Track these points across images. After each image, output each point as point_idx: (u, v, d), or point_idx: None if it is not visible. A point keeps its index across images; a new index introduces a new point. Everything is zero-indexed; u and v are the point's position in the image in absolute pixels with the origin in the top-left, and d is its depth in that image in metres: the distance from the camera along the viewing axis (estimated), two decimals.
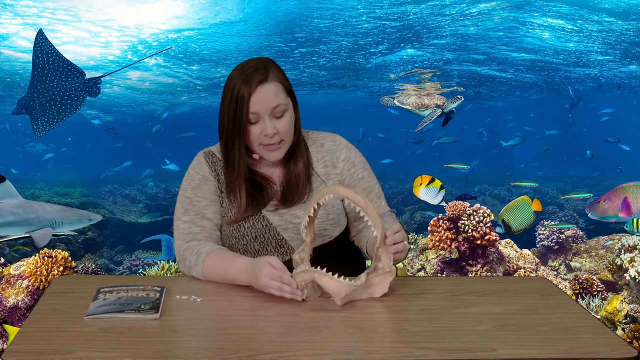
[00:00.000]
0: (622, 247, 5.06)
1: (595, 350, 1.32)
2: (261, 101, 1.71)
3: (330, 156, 1.90)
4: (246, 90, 1.71)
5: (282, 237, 1.82)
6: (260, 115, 1.73)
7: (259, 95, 1.71)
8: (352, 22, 7.99)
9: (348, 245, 1.93)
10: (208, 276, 1.71)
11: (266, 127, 1.73)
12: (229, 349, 1.29)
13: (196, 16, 7.87)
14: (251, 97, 1.71)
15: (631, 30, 8.37)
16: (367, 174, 1.91)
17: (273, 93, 1.73)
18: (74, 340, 1.33)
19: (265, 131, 1.73)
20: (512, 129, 18.09)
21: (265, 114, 1.73)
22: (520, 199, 4.60)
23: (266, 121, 1.73)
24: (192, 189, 1.86)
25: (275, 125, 1.74)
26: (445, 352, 1.30)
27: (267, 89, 1.72)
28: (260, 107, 1.72)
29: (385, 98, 7.42)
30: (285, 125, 1.75)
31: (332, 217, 1.84)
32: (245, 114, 1.72)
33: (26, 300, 4.46)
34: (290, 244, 1.82)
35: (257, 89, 1.71)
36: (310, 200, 1.84)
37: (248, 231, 1.82)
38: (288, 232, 1.82)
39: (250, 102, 1.71)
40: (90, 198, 11.98)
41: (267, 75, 1.73)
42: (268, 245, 1.82)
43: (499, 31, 8.43)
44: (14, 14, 7.65)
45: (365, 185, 1.89)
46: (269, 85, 1.72)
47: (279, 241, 1.82)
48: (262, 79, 1.72)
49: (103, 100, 13.55)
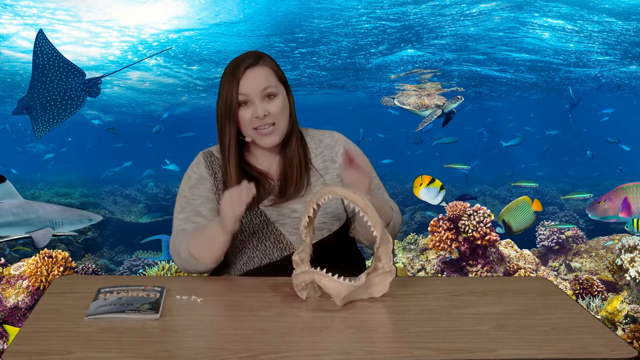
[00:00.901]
0: (622, 247, 5.06)
1: (595, 350, 1.32)
2: (250, 82, 1.75)
3: (328, 151, 1.91)
4: (236, 73, 1.76)
5: (279, 231, 1.82)
6: (250, 97, 1.76)
7: (248, 77, 1.76)
8: (352, 22, 7.99)
9: (348, 244, 1.92)
10: (191, 247, 1.73)
11: (256, 109, 1.76)
12: (229, 349, 1.29)
13: (196, 16, 7.87)
14: (240, 79, 1.75)
15: (631, 30, 8.37)
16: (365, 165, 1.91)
17: (263, 75, 1.77)
18: (74, 340, 1.33)
19: (256, 113, 1.75)
20: (512, 129, 18.11)
21: (255, 95, 1.76)
22: (520, 199, 4.60)
23: (256, 103, 1.76)
24: (189, 188, 1.88)
25: (266, 107, 1.77)
26: (445, 352, 1.30)
27: (256, 71, 1.77)
28: (249, 88, 1.75)
29: (385, 98, 7.42)
30: (277, 107, 1.78)
31: (330, 210, 1.84)
32: (235, 95, 1.75)
33: (26, 300, 4.46)
34: (288, 238, 1.82)
35: (247, 71, 1.76)
36: (307, 194, 1.84)
37: (245, 226, 1.83)
38: (286, 226, 1.82)
39: (239, 84, 1.75)
40: (90, 198, 11.98)
41: (257, 61, 1.78)
42: (266, 240, 1.82)
43: (499, 31, 8.43)
44: (14, 14, 7.65)
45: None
46: (259, 69, 1.77)
47: (277, 236, 1.82)
48: (251, 63, 1.77)
49: (103, 100, 13.56)
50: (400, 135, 16.32)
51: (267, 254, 1.82)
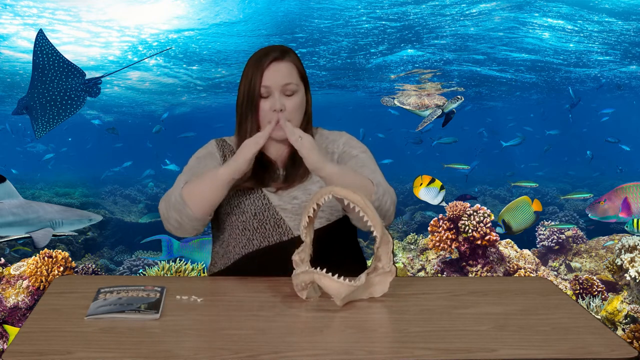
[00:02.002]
0: (622, 247, 5.06)
1: (595, 350, 1.32)
2: (274, 76, 1.79)
3: (332, 145, 1.94)
4: (261, 65, 1.80)
5: (280, 216, 1.84)
6: (271, 90, 1.79)
7: (272, 70, 1.79)
8: (352, 22, 7.99)
9: (347, 234, 1.92)
10: (185, 190, 1.73)
11: (275, 102, 1.79)
12: (229, 349, 1.29)
13: (196, 16, 7.87)
14: (264, 71, 1.79)
15: (631, 30, 8.37)
16: (363, 155, 1.90)
17: (286, 71, 1.80)
18: (74, 340, 1.33)
19: (274, 106, 1.78)
20: (512, 129, 18.10)
21: (276, 89, 1.79)
22: (520, 199, 4.60)
23: (275, 96, 1.79)
24: (197, 158, 1.92)
25: (284, 102, 1.80)
26: (445, 352, 1.30)
27: (280, 66, 1.80)
28: (272, 81, 1.79)
29: (385, 98, 7.42)
30: (294, 105, 1.81)
31: (328, 205, 1.84)
32: (258, 86, 1.79)
33: (26, 300, 4.46)
34: (288, 224, 1.84)
35: (272, 64, 1.80)
36: (308, 182, 1.86)
37: (248, 207, 1.85)
38: (286, 212, 1.84)
39: (263, 76, 1.79)
40: (90, 198, 11.97)
41: (283, 55, 1.81)
42: (266, 223, 1.84)
43: (499, 31, 8.43)
44: (14, 14, 7.65)
45: (357, 161, 1.88)
46: (283, 63, 1.81)
47: (277, 220, 1.84)
48: (277, 56, 1.81)
49: (103, 100, 13.55)
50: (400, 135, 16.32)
51: (267, 237, 1.84)
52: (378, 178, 1.84)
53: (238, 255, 1.86)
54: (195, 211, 1.73)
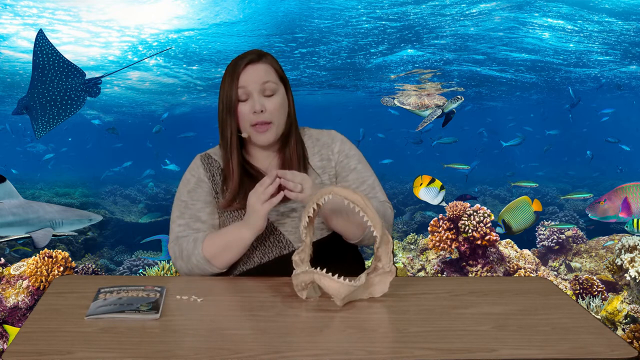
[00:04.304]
0: (622, 247, 5.06)
1: (595, 350, 1.32)
2: (250, 77, 1.77)
3: (325, 149, 1.90)
4: (237, 69, 1.79)
5: (279, 231, 1.81)
6: (249, 91, 1.78)
7: (248, 71, 1.78)
8: (352, 22, 7.99)
9: (348, 244, 1.91)
10: (207, 252, 1.74)
11: (254, 103, 1.77)
12: (229, 349, 1.29)
13: (196, 16, 7.87)
14: (241, 73, 1.78)
15: (631, 30, 8.37)
16: (360, 166, 1.90)
17: (263, 71, 1.79)
18: (74, 340, 1.33)
19: (254, 107, 1.77)
20: (512, 129, 18.09)
21: (254, 89, 1.78)
22: (520, 199, 4.60)
23: (255, 97, 1.78)
24: (187, 192, 1.88)
25: (264, 103, 1.78)
26: (445, 352, 1.30)
27: (257, 67, 1.79)
28: (249, 81, 1.77)
29: (385, 98, 7.42)
30: (274, 105, 1.79)
31: None
32: (235, 89, 1.77)
33: (26, 300, 4.46)
34: (287, 237, 1.81)
35: (248, 66, 1.79)
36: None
37: None
38: (285, 225, 1.82)
39: (239, 78, 1.78)
40: (90, 198, 11.98)
41: (258, 58, 1.80)
42: (266, 240, 1.82)
43: (499, 31, 8.43)
44: (14, 14, 7.65)
45: (357, 176, 1.88)
46: (260, 65, 1.80)
47: (277, 236, 1.81)
48: (253, 59, 1.80)
49: (103, 100, 13.55)
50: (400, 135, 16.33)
51: (267, 253, 1.81)
52: (378, 194, 1.87)
53: (238, 272, 1.85)
54: (222, 267, 1.78)
